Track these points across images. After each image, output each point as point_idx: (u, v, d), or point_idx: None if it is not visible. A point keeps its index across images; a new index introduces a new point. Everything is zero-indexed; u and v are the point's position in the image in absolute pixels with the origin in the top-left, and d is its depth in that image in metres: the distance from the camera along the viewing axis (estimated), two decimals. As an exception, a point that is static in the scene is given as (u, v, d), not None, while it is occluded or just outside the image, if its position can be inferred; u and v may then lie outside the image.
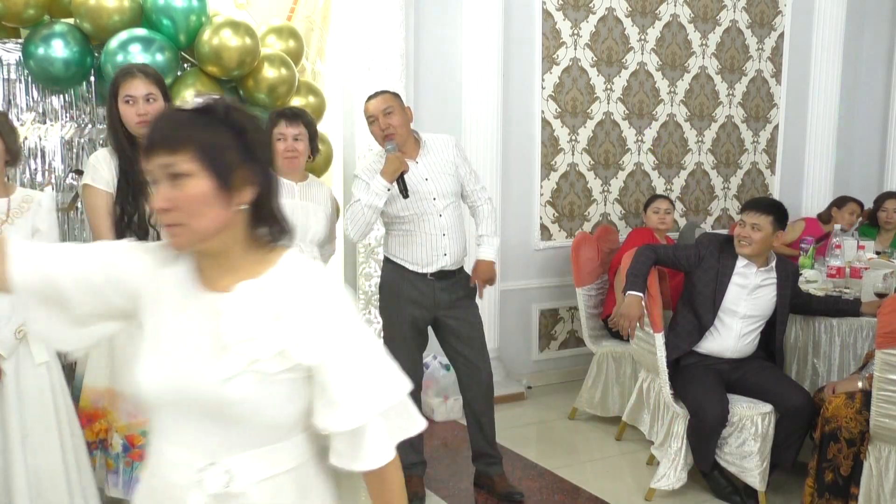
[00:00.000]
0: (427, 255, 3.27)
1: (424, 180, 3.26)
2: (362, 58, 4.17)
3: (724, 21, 5.52)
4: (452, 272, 3.33)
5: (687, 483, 3.45)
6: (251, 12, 3.91)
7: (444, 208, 3.28)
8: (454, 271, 3.34)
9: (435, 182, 3.27)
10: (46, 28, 3.18)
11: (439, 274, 3.30)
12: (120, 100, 2.78)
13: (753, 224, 3.44)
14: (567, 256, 4.71)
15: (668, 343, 3.53)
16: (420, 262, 3.28)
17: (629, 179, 5.30)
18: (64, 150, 3.33)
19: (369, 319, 4.29)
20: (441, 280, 3.30)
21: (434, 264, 3.28)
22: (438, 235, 3.27)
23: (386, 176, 3.15)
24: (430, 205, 3.25)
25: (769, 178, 5.89)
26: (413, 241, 3.27)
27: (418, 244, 3.27)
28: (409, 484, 3.48)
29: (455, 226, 3.31)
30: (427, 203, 3.25)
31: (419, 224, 3.26)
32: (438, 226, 3.26)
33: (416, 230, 3.27)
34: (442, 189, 3.28)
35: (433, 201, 3.26)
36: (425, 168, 3.28)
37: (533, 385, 4.97)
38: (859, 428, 3.04)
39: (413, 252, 3.28)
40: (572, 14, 4.95)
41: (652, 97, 5.32)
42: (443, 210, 3.27)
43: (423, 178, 3.26)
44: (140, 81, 2.77)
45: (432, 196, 3.26)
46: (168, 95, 2.88)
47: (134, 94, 2.76)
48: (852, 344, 3.58)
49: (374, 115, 3.19)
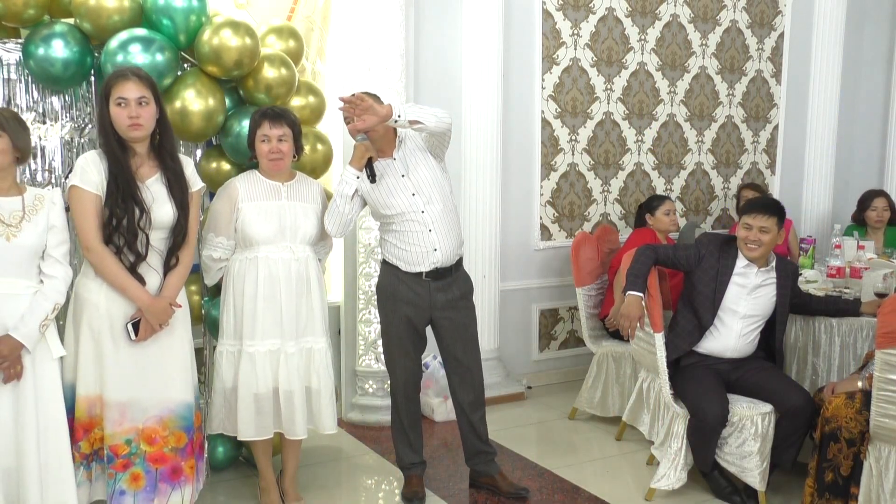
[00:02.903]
0: (418, 254, 3.25)
1: (401, 177, 3.25)
2: (362, 58, 4.17)
3: (724, 21, 5.52)
4: (448, 270, 3.31)
5: (687, 483, 3.45)
6: (251, 12, 3.91)
7: (426, 203, 3.24)
8: (450, 269, 3.31)
9: (412, 177, 3.25)
10: (46, 28, 3.17)
11: (434, 274, 3.28)
12: (112, 102, 2.77)
13: (761, 227, 3.43)
14: (567, 256, 4.71)
15: (668, 343, 3.53)
16: (412, 262, 3.26)
17: (629, 179, 5.31)
18: (64, 150, 3.33)
19: (369, 319, 4.30)
20: (437, 280, 3.29)
21: (426, 262, 3.25)
22: (424, 232, 3.24)
23: (353, 163, 3.18)
24: (411, 201, 3.23)
25: (769, 178, 5.89)
26: (402, 240, 3.26)
27: (407, 243, 3.25)
28: (408, 484, 3.52)
29: (441, 220, 3.26)
30: (406, 200, 3.23)
31: (403, 223, 3.24)
32: (423, 222, 3.23)
33: (402, 229, 3.25)
34: (419, 182, 3.24)
35: (412, 197, 3.23)
36: (401, 163, 3.26)
37: (533, 385, 4.97)
38: (859, 428, 3.04)
39: (403, 252, 3.27)
40: (572, 14, 4.96)
41: (652, 97, 5.32)
42: (424, 206, 3.24)
43: (399, 175, 3.25)
44: (133, 84, 2.77)
45: (410, 192, 3.23)
46: (160, 99, 2.87)
47: (126, 97, 2.75)
48: (852, 344, 3.59)
49: (348, 117, 3.17)
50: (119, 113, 2.76)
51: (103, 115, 2.81)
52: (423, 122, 3.09)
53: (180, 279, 2.93)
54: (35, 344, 2.63)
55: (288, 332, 3.16)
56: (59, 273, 2.71)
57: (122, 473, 2.86)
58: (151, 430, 2.87)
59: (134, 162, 2.83)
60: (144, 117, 2.78)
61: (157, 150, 2.89)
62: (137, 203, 2.78)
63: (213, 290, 3.51)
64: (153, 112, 2.82)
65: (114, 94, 2.77)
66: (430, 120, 3.11)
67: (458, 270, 3.38)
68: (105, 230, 2.77)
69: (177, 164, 2.91)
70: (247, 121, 3.31)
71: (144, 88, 2.79)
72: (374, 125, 3.08)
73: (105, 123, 2.80)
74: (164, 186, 2.87)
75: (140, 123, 2.77)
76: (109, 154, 2.79)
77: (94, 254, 2.77)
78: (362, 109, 3.01)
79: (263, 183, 3.21)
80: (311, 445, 3.88)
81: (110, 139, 2.80)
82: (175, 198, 2.87)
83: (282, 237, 3.16)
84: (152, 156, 2.89)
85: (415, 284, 3.28)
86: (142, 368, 2.85)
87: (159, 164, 2.89)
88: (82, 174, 2.77)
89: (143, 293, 2.81)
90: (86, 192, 2.76)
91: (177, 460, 2.93)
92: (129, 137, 2.80)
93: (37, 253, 2.67)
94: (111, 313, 2.81)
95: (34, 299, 2.64)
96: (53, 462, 2.68)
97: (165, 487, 2.92)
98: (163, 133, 2.89)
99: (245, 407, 3.14)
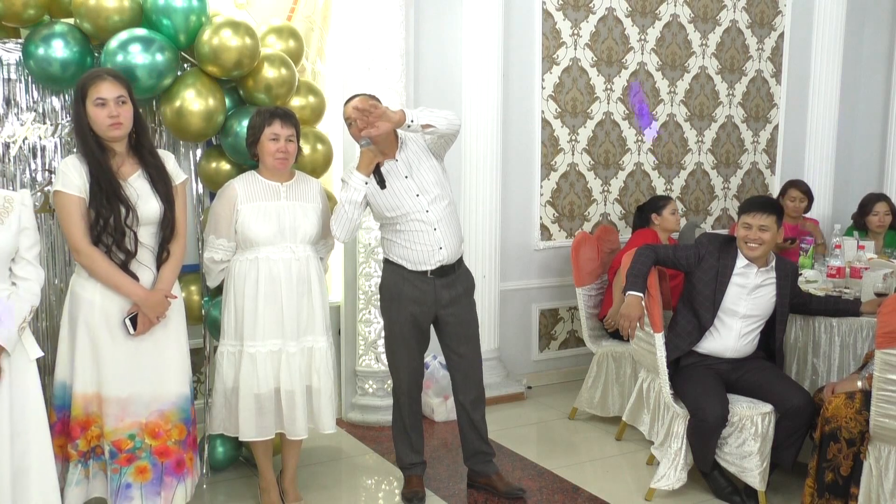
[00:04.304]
0: (423, 253, 3.26)
1: (405, 178, 3.25)
2: (362, 58, 4.17)
3: (724, 21, 5.52)
4: (452, 267, 3.32)
5: (687, 483, 3.45)
6: (251, 12, 3.91)
7: (430, 203, 3.25)
8: (453, 266, 3.33)
9: (415, 178, 3.25)
10: (46, 28, 3.17)
11: (439, 271, 3.28)
12: (89, 103, 2.77)
13: (761, 226, 3.43)
14: (567, 256, 4.71)
15: (668, 343, 3.53)
16: (418, 261, 3.27)
17: (629, 179, 5.31)
18: (64, 150, 3.33)
19: (369, 319, 4.30)
20: (442, 277, 3.29)
21: (431, 260, 3.26)
22: (430, 231, 3.25)
23: (361, 169, 3.18)
24: (415, 202, 3.23)
25: (769, 178, 5.89)
26: (407, 239, 3.26)
27: (412, 242, 3.26)
28: (408, 484, 3.52)
29: (445, 218, 3.28)
30: (411, 200, 3.23)
31: (408, 223, 3.25)
32: (427, 221, 3.24)
33: (406, 229, 3.25)
34: (423, 183, 3.25)
35: (416, 198, 3.23)
36: (404, 165, 3.27)
37: (533, 385, 4.97)
38: (859, 428, 3.04)
39: (409, 251, 3.27)
40: (572, 14, 4.96)
41: (652, 97, 5.32)
42: (428, 205, 3.24)
43: (402, 176, 3.25)
44: (110, 84, 2.78)
45: (414, 192, 3.24)
46: (135, 100, 2.88)
47: (105, 97, 2.76)
48: (852, 344, 3.58)
49: (351, 118, 3.19)
50: (98, 113, 2.77)
51: (80, 117, 2.81)
52: (435, 125, 3.11)
53: (173, 271, 2.95)
54: (14, 346, 2.58)
55: (289, 333, 3.16)
56: (32, 275, 2.66)
57: (128, 467, 2.86)
58: (155, 424, 2.89)
59: (115, 161, 2.85)
60: (124, 116, 2.80)
61: (136, 147, 2.91)
62: (122, 201, 2.79)
63: (214, 291, 3.51)
64: (131, 111, 2.84)
65: (91, 95, 2.77)
66: (442, 123, 3.13)
67: (461, 267, 3.40)
68: (93, 231, 2.78)
69: (157, 159, 2.93)
70: (247, 121, 3.31)
71: (121, 88, 2.80)
72: (388, 132, 3.10)
73: (82, 125, 2.80)
74: (146, 182, 2.89)
75: (120, 122, 2.79)
76: (89, 156, 2.80)
77: (84, 256, 2.78)
78: (376, 117, 3.03)
79: (262, 183, 3.21)
80: (311, 445, 3.88)
81: (88, 141, 2.80)
82: (159, 192, 2.89)
83: (281, 237, 3.16)
84: (132, 154, 2.90)
85: (420, 283, 3.28)
86: (140, 363, 2.86)
87: (139, 161, 2.90)
88: (64, 179, 2.78)
89: (138, 288, 2.82)
90: (69, 195, 2.76)
91: (180, 453, 2.95)
92: (109, 137, 2.81)
93: (9, 256, 2.61)
94: (107, 310, 2.82)
95: (10, 302, 2.57)
96: (35, 464, 2.62)
97: (171, 481, 2.93)
98: (139, 131, 2.91)
99: (246, 407, 3.14)
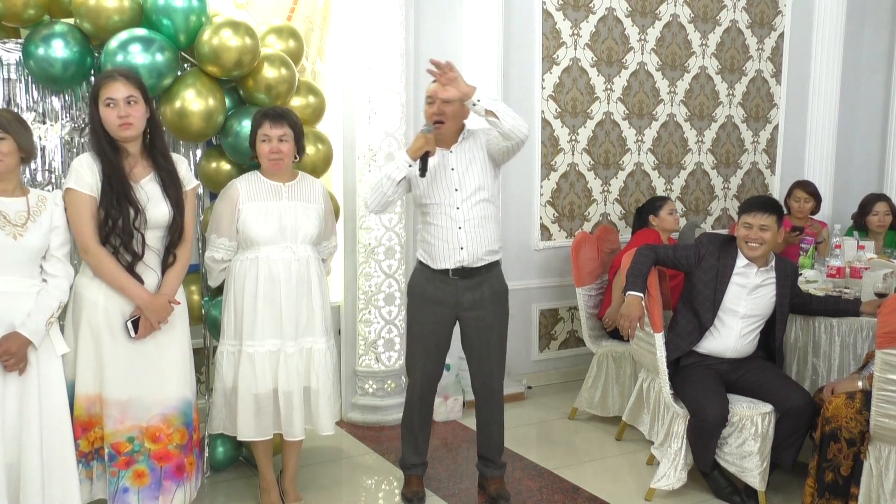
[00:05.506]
0: (444, 249, 3.22)
1: (451, 170, 3.22)
2: (362, 58, 4.17)
3: (724, 21, 5.52)
4: (478, 270, 3.26)
5: (687, 483, 3.45)
6: (251, 12, 3.91)
7: (464, 201, 3.21)
8: (480, 269, 3.26)
9: (461, 174, 3.22)
10: (46, 28, 3.17)
11: (462, 272, 3.24)
12: (101, 103, 2.79)
13: (762, 225, 3.43)
14: (567, 256, 4.71)
15: (668, 343, 3.53)
16: (438, 257, 3.23)
17: (629, 179, 5.31)
18: (64, 150, 3.33)
19: (369, 319, 4.30)
20: (465, 279, 3.25)
21: (451, 259, 3.22)
22: (454, 228, 3.21)
23: (410, 151, 3.15)
24: (450, 195, 3.21)
25: (769, 178, 5.89)
26: (432, 233, 3.24)
27: (435, 237, 3.23)
28: (409, 484, 3.52)
29: (475, 220, 3.22)
30: (447, 193, 3.21)
31: (437, 215, 3.22)
32: (454, 217, 3.21)
33: (433, 222, 3.24)
34: (466, 182, 3.21)
35: (454, 192, 3.21)
36: (456, 159, 3.24)
37: (533, 385, 4.97)
38: (859, 428, 3.04)
39: (432, 247, 3.25)
40: (572, 14, 4.96)
41: (652, 97, 5.32)
42: (461, 203, 3.21)
43: (449, 168, 3.23)
44: (120, 84, 2.79)
45: (453, 187, 3.21)
46: (149, 99, 2.89)
47: (114, 97, 2.77)
48: (852, 344, 3.59)
49: (433, 97, 3.15)
50: (108, 113, 2.78)
51: (93, 117, 2.83)
52: (498, 115, 3.03)
53: (178, 276, 2.95)
54: (41, 340, 2.67)
55: (287, 333, 3.16)
56: (62, 272, 2.76)
57: (125, 471, 2.86)
58: (156, 428, 2.89)
59: (127, 163, 2.85)
60: (134, 116, 2.80)
61: (150, 149, 2.91)
62: (132, 203, 2.80)
63: (214, 291, 3.51)
64: (143, 111, 2.84)
65: (102, 96, 2.79)
66: (507, 119, 3.04)
67: (490, 272, 3.31)
68: (101, 231, 2.79)
69: (170, 162, 2.93)
70: (247, 121, 3.32)
71: (132, 88, 2.81)
72: (455, 98, 3.03)
73: (96, 125, 2.83)
74: (158, 186, 2.89)
75: (130, 122, 2.79)
76: (102, 155, 2.81)
77: (92, 255, 2.79)
78: (448, 79, 2.99)
79: (264, 183, 3.21)
80: (311, 445, 3.88)
81: (101, 141, 2.82)
82: (170, 197, 2.89)
83: (282, 237, 3.16)
84: (145, 155, 2.91)
85: (441, 283, 3.26)
86: (142, 366, 2.86)
87: (152, 164, 2.91)
88: (77, 177, 2.79)
89: (142, 291, 2.82)
90: (81, 194, 2.78)
91: (180, 457, 2.94)
92: (120, 137, 2.81)
93: (40, 253, 2.72)
94: (110, 312, 2.83)
95: (39, 297, 2.68)
96: (57, 458, 2.70)
97: (170, 485, 2.93)
98: (154, 132, 2.91)
99: (245, 407, 3.14)
